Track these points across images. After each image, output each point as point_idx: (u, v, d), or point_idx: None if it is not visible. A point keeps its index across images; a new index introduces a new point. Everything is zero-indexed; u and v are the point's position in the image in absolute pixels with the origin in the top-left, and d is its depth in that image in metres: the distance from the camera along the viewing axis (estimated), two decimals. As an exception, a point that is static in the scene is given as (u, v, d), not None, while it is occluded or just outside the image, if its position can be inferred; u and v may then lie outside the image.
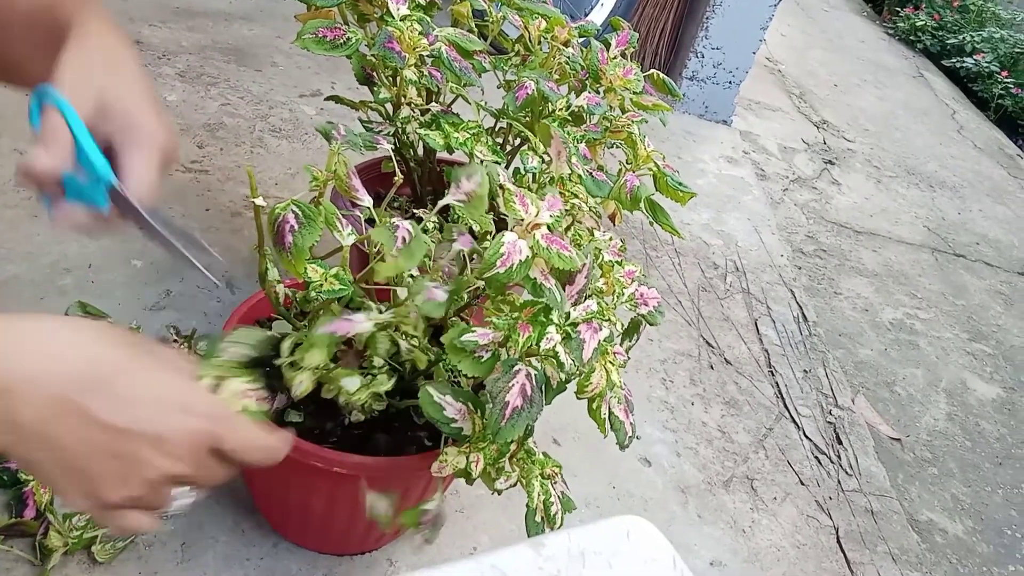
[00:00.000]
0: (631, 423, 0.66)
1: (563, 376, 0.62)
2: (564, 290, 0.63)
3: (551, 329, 0.60)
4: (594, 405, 0.65)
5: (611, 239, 0.79)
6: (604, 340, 0.62)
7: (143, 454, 0.45)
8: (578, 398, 0.64)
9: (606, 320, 0.62)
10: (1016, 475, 1.55)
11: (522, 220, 0.62)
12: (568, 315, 0.62)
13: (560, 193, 0.73)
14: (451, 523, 1.01)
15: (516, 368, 0.60)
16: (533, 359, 0.61)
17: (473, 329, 0.62)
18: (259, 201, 0.68)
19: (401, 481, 0.82)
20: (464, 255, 0.69)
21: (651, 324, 0.74)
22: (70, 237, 1.20)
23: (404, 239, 0.67)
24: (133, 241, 1.24)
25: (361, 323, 0.67)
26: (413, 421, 0.86)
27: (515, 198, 0.63)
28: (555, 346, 0.59)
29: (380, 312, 0.72)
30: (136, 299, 1.15)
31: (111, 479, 0.44)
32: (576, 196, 0.77)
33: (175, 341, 1.07)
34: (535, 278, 0.60)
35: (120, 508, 0.46)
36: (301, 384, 0.69)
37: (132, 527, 0.47)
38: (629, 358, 0.70)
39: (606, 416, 0.64)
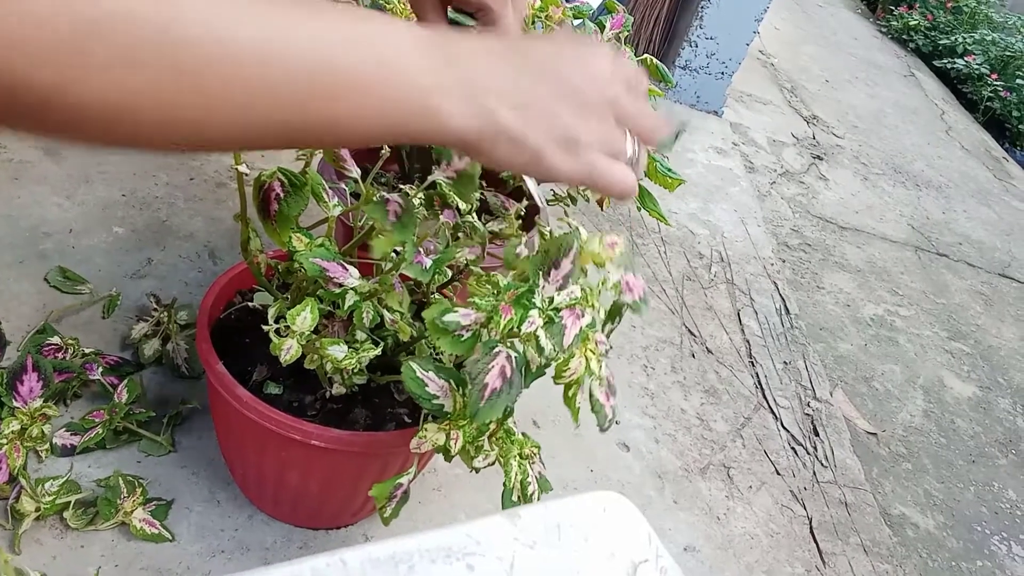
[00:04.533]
0: (611, 406, 0.65)
1: (543, 360, 0.62)
2: (549, 275, 0.62)
3: (534, 313, 0.60)
4: (570, 392, 0.64)
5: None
6: (586, 327, 0.61)
7: (582, 83, 0.49)
8: (556, 383, 0.64)
9: (589, 306, 0.62)
10: (988, 473, 1.57)
11: None
12: (552, 299, 0.61)
13: None
14: (428, 501, 1.01)
15: (496, 350, 0.60)
16: (515, 340, 0.61)
17: (456, 309, 0.61)
18: (242, 168, 0.67)
19: (379, 457, 0.82)
20: (448, 229, 0.68)
21: (635, 312, 0.73)
22: (50, 201, 1.19)
23: (396, 213, 0.67)
24: (115, 207, 1.22)
25: (353, 278, 0.67)
26: (393, 397, 0.85)
27: None
28: (537, 330, 0.59)
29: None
30: (117, 266, 1.13)
31: (570, 115, 0.48)
32: None
33: (155, 310, 1.06)
34: None
35: (593, 151, 0.49)
36: (290, 349, 0.68)
37: (611, 171, 0.50)
38: (611, 347, 0.69)
39: (580, 405, 0.64)
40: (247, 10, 0.37)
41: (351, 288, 0.69)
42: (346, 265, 0.69)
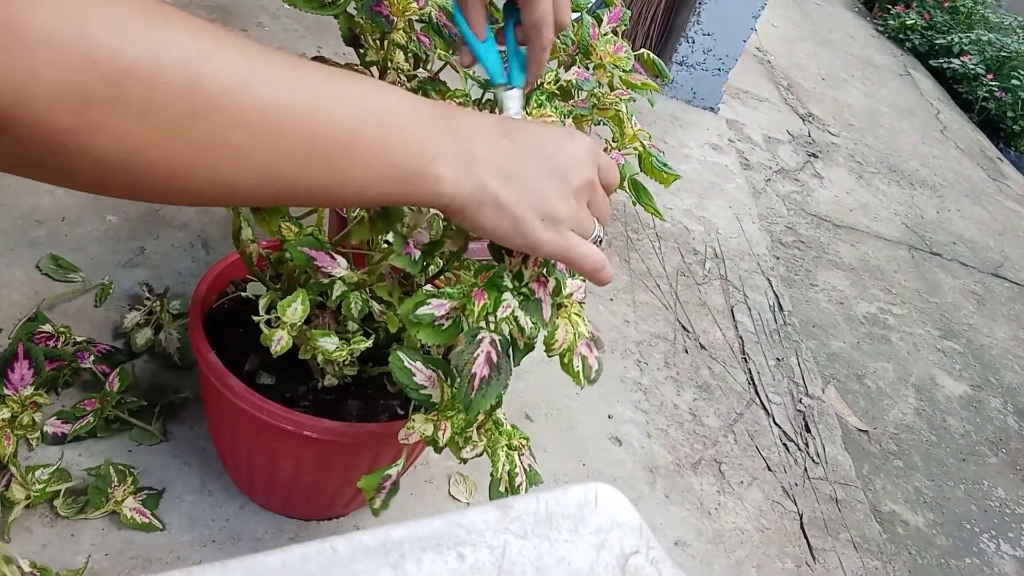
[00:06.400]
0: (596, 358, 0.65)
1: (527, 338, 0.61)
2: (512, 251, 0.61)
3: (507, 296, 0.58)
4: (565, 359, 0.64)
5: None
6: (553, 293, 0.60)
7: (565, 165, 0.53)
8: (548, 356, 0.63)
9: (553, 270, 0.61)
10: (978, 471, 1.58)
11: None
12: (521, 275, 0.60)
13: None
14: (420, 493, 1.01)
15: (479, 337, 0.59)
16: (503, 322, 0.60)
17: (428, 301, 0.60)
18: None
19: (371, 448, 0.82)
20: (439, 220, 0.68)
21: None
22: (43, 189, 1.18)
23: (383, 203, 0.67)
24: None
25: (341, 268, 0.66)
26: (386, 389, 0.85)
27: None
28: (513, 311, 0.58)
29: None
30: (109, 255, 1.13)
31: (554, 193, 0.52)
32: None
33: (147, 299, 1.06)
34: None
35: (567, 227, 0.53)
36: (280, 341, 0.68)
37: (586, 248, 0.55)
38: (585, 288, 0.68)
39: (579, 369, 0.63)
40: (271, 70, 0.39)
41: (339, 278, 0.69)
42: (334, 254, 0.69)
